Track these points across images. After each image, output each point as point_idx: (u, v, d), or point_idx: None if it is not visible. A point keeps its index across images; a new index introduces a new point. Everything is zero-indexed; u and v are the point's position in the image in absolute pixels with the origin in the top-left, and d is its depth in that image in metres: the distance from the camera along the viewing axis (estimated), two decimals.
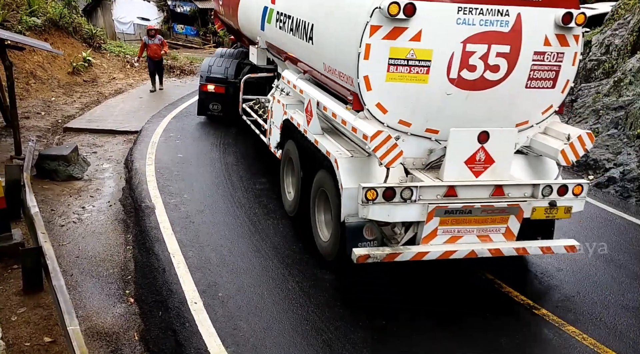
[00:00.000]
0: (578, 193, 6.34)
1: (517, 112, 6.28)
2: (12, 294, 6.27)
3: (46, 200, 8.76)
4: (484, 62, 5.86)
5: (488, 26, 5.76)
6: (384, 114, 5.94)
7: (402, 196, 5.69)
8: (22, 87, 14.08)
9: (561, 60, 6.11)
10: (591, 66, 14.58)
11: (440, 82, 5.85)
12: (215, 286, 6.26)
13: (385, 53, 5.66)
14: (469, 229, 6.14)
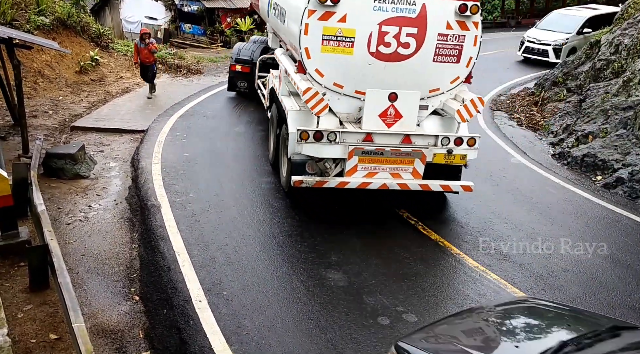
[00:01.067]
0: (472, 145, 8.03)
1: (429, 81, 7.99)
2: (19, 292, 6.31)
3: (53, 198, 8.79)
4: (396, 40, 7.63)
5: (399, 12, 7.53)
6: (321, 78, 7.75)
7: (328, 138, 7.60)
8: (30, 86, 14.14)
9: (463, 41, 7.81)
10: (600, 66, 14.50)
11: (363, 55, 7.63)
12: (219, 284, 6.27)
13: (319, 31, 7.51)
14: (382, 167, 7.95)
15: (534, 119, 15.03)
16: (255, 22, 25.93)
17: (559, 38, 20.71)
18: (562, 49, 20.48)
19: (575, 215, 8.96)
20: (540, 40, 21.01)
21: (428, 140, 7.94)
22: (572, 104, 14.50)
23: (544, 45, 20.83)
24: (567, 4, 30.21)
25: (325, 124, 7.81)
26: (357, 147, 7.74)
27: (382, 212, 8.50)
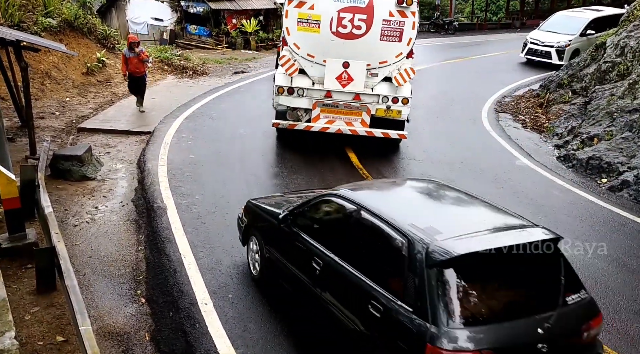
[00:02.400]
0: (405, 103, 10.63)
1: (379, 55, 10.44)
2: (26, 294, 6.36)
3: (60, 200, 8.85)
4: (351, 23, 10.20)
5: (352, 3, 10.16)
6: (298, 49, 10.41)
7: (297, 93, 10.50)
8: (37, 87, 14.24)
9: (403, 26, 10.28)
10: (606, 68, 14.47)
11: (327, 33, 10.25)
12: (225, 287, 6.30)
13: (295, 15, 10.23)
14: (338, 117, 10.73)
15: (538, 121, 15.00)
16: (261, 23, 26.00)
17: (562, 40, 20.65)
18: (565, 51, 20.45)
19: (581, 218, 8.95)
20: (543, 42, 20.95)
21: (372, 98, 10.65)
22: (577, 106, 14.48)
23: (547, 47, 20.78)
24: (572, 5, 30.12)
25: (299, 83, 10.53)
26: (319, 101, 10.62)
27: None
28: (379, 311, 4.41)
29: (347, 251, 5.02)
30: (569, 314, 4.43)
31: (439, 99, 16.27)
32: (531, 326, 4.22)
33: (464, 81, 18.64)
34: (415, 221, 4.65)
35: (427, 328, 4.04)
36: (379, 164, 10.88)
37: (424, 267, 4.22)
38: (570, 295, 4.54)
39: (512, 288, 4.48)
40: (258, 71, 19.41)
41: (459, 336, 3.99)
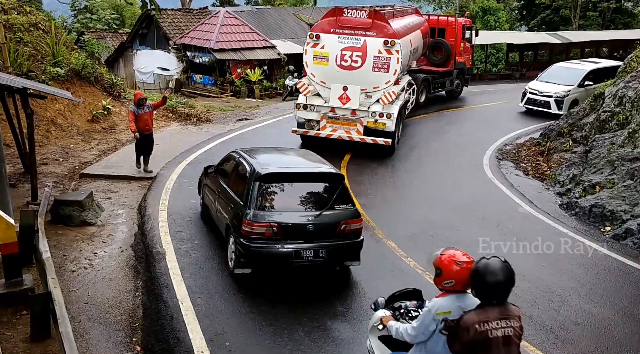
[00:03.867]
0: (389, 117, 13.89)
1: (372, 82, 13.89)
2: (20, 341, 6.23)
3: (59, 245, 8.80)
4: (350, 59, 13.82)
5: (351, 43, 13.76)
6: (314, 77, 14.15)
7: (310, 108, 14.12)
8: (43, 134, 14.39)
9: (389, 61, 13.74)
10: (605, 117, 14.58)
11: (333, 66, 13.91)
12: (222, 335, 6.18)
13: (312, 53, 14.02)
14: (340, 127, 14.18)
15: (540, 168, 15.02)
16: (265, 73, 26.50)
17: (561, 90, 20.70)
18: (564, 101, 20.47)
19: (585, 267, 8.83)
20: (542, 92, 20.98)
21: (365, 113, 14.04)
22: (578, 154, 14.52)
23: (546, 97, 20.79)
24: (571, 58, 30.66)
25: (312, 101, 14.26)
26: (325, 114, 14.19)
27: None
28: (233, 207, 7.85)
29: (230, 180, 8.54)
30: (332, 214, 7.52)
31: (442, 144, 16.39)
32: (305, 216, 7.45)
33: (466, 129, 18.78)
34: (261, 162, 8.11)
35: (245, 210, 7.39)
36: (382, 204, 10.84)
37: (252, 181, 7.62)
38: (339, 205, 7.65)
39: (300, 194, 7.83)
40: (262, 118, 19.63)
41: (259, 215, 7.33)
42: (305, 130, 14.29)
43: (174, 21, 29.21)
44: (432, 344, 4.05)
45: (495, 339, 3.83)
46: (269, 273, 7.64)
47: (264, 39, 27.62)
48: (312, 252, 7.29)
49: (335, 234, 7.44)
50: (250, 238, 7.19)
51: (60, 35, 17.99)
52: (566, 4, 40.64)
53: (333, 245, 7.43)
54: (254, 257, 7.27)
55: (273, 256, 7.27)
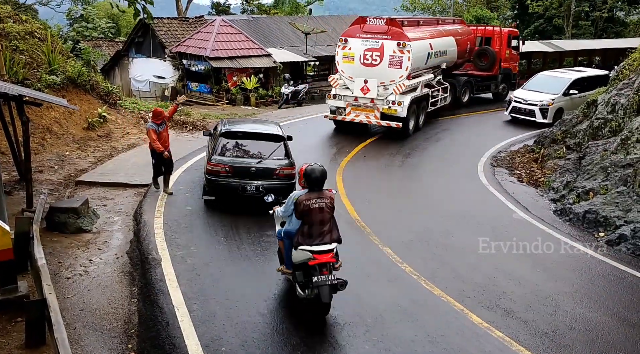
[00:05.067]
0: (400, 105, 16.90)
1: (388, 76, 17.09)
2: (14, 348, 6.22)
3: (54, 252, 8.78)
4: (371, 58, 17.20)
5: (372, 45, 17.23)
6: (343, 73, 17.70)
7: (338, 98, 17.69)
8: (38, 142, 14.38)
9: (402, 59, 16.95)
10: (598, 125, 14.69)
11: (358, 63, 17.39)
12: (219, 340, 6.17)
13: (341, 53, 17.68)
14: (362, 113, 17.45)
15: (534, 175, 15.10)
16: (261, 81, 26.59)
17: (545, 99, 20.56)
18: (548, 110, 20.36)
19: (580, 272, 8.88)
20: (527, 100, 20.83)
21: (381, 101, 17.21)
22: (571, 161, 14.61)
23: (531, 106, 20.66)
24: (564, 66, 30.89)
25: (340, 92, 17.78)
26: (350, 102, 17.57)
27: None
28: (207, 155, 11.34)
29: (212, 138, 11.96)
30: (271, 162, 10.49)
31: (437, 149, 16.46)
32: (251, 162, 10.50)
33: (460, 136, 18.86)
34: (228, 124, 11.62)
35: (211, 156, 10.60)
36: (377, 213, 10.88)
37: (217, 136, 10.92)
38: (279, 156, 10.74)
39: (250, 147, 10.74)
40: None
41: (218, 159, 10.44)
42: (335, 115, 18.03)
43: (169, 30, 29.30)
44: (292, 218, 7.09)
45: (314, 209, 6.87)
46: (224, 200, 10.59)
47: (259, 47, 27.73)
48: (254, 187, 10.34)
49: (272, 176, 10.42)
50: (212, 175, 10.47)
51: (56, 43, 18.00)
52: (559, 13, 41.02)
53: (270, 183, 10.34)
54: (213, 187, 10.56)
55: (226, 187, 10.40)
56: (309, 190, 6.90)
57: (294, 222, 7.02)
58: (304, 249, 6.78)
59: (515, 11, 46.21)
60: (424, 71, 19.24)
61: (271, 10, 46.27)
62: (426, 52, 18.68)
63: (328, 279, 6.60)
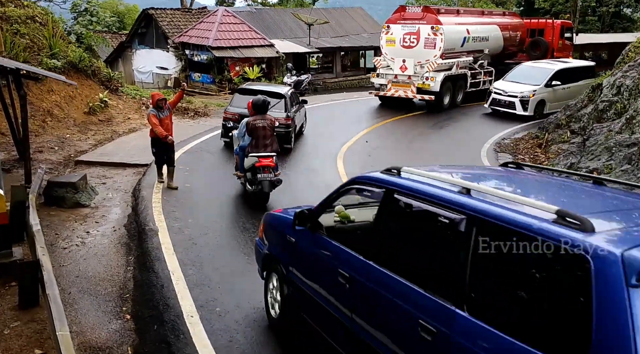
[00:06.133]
0: (433, 80, 19.94)
1: (423, 56, 20.18)
2: (7, 309, 6.14)
3: (51, 225, 8.72)
4: (409, 40, 20.49)
5: (410, 30, 20.49)
6: (387, 55, 21.03)
7: (381, 76, 21.25)
8: (38, 124, 14.35)
9: (435, 41, 19.99)
10: (603, 107, 14.53)
11: (398, 46, 20.69)
12: (213, 301, 6.08)
13: (385, 38, 21.11)
14: (400, 88, 20.76)
15: (538, 159, 14.96)
16: (263, 71, 26.50)
17: (526, 90, 19.67)
18: (529, 101, 19.49)
19: None
20: (507, 92, 19.93)
21: (417, 78, 20.15)
22: (576, 145, 14.45)
23: (511, 97, 19.73)
24: None
25: (382, 71, 21.00)
26: (391, 80, 20.68)
27: None
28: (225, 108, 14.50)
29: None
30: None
31: (437, 137, 16.36)
32: None
33: (464, 125, 18.76)
34: (246, 86, 15.63)
35: (227, 107, 14.18)
36: None
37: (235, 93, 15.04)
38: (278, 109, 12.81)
39: None
40: None
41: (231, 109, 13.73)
42: (378, 92, 21.36)
43: (172, 20, 29.22)
44: (245, 137, 9.50)
45: (259, 127, 9.30)
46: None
47: (262, 37, 27.62)
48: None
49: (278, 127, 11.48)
50: (226, 120, 13.36)
51: (57, 28, 17.97)
52: (565, 9, 40.73)
53: None
54: (227, 130, 13.10)
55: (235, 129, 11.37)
56: (255, 114, 9.47)
57: (246, 139, 9.48)
58: (252, 155, 9.26)
59: (521, 7, 45.90)
60: (462, 53, 21.83)
61: (275, 6, 46.22)
62: (462, 36, 21.47)
63: (268, 176, 9.14)
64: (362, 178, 4.70)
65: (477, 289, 3.29)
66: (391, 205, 4.17)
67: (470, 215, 3.40)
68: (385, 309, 3.88)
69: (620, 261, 2.66)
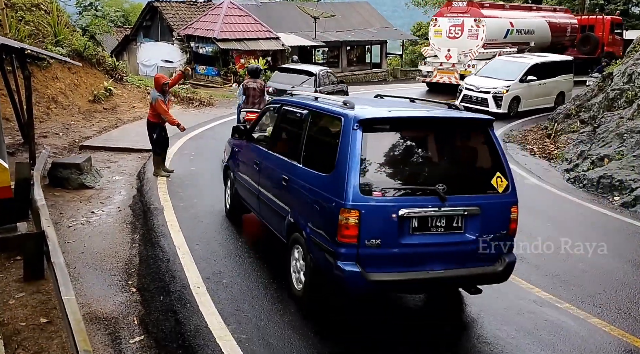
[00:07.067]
0: (474, 68, 21.77)
1: (467, 46, 22.94)
2: (12, 281, 6.06)
3: (56, 205, 8.63)
4: (454, 32, 23.30)
5: (455, 22, 23.23)
6: (434, 45, 24.23)
7: (428, 64, 24.49)
8: (43, 111, 14.27)
9: (478, 32, 22.70)
10: (614, 96, 14.36)
11: (444, 37, 23.60)
12: (220, 274, 5.99)
13: (433, 30, 24.22)
14: (445, 75, 23.57)
15: (547, 149, 14.82)
16: (268, 63, 26.40)
17: (500, 85, 18.32)
18: (502, 98, 18.15)
19: (593, 226, 8.62)
20: (479, 87, 18.54)
21: (460, 66, 22.66)
22: (586, 134, 14.30)
23: (484, 93, 18.36)
24: None
25: (430, 60, 24.21)
26: (436, 67, 23.66)
27: None
28: None
29: None
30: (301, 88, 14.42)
31: None
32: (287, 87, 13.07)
33: None
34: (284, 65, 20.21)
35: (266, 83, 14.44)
36: None
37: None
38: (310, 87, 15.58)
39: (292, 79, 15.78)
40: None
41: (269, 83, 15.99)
42: (425, 78, 24.30)
43: (177, 13, 29.16)
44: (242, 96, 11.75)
45: (250, 88, 11.51)
46: None
47: (267, 30, 27.50)
48: None
49: None
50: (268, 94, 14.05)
51: (62, 16, 17.91)
52: (573, 7, 40.50)
53: None
54: None
55: None
56: (249, 78, 11.73)
57: (244, 99, 11.64)
58: (243, 110, 11.50)
59: None
60: (505, 44, 24.08)
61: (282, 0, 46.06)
62: (505, 28, 23.90)
63: None
64: (272, 101, 7.85)
65: (305, 150, 5.62)
66: (281, 113, 6.66)
67: (309, 110, 5.84)
68: (270, 174, 6.30)
69: (353, 118, 4.87)
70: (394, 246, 4.66)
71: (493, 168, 5.08)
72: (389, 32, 36.50)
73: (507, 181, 5.07)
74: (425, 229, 4.77)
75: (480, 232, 4.89)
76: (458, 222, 4.87)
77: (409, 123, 5.17)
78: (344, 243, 4.59)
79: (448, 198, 4.74)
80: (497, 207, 5.02)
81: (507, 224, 5.04)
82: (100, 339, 5.00)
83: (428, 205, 4.73)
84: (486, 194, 4.96)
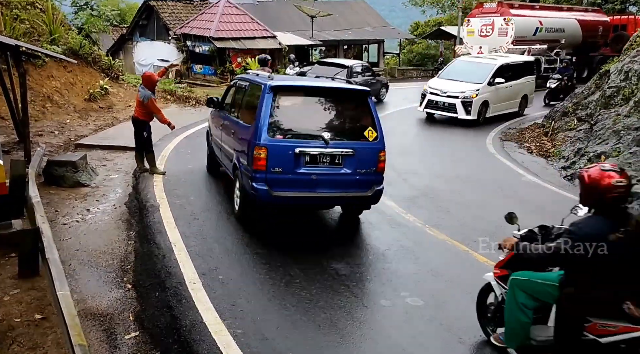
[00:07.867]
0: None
1: (498, 43, 24.98)
2: (7, 278, 6.01)
3: (51, 203, 8.57)
4: (485, 30, 25.70)
5: (486, 22, 25.65)
6: (467, 43, 26.59)
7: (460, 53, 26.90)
8: (38, 109, 14.19)
9: (507, 29, 24.96)
10: (610, 93, 14.38)
11: (476, 35, 26.10)
12: (216, 270, 5.95)
13: (466, 29, 26.89)
14: None
15: (544, 147, 14.82)
16: None
17: (468, 89, 16.89)
18: (472, 103, 16.72)
19: None
20: (446, 92, 17.02)
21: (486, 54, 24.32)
22: (583, 131, 14.30)
23: (451, 98, 16.84)
24: None
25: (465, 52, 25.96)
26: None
27: None
28: None
29: None
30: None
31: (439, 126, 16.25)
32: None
33: None
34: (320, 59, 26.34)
35: None
36: None
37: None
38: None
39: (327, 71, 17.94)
40: None
41: None
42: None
43: (174, 12, 29.10)
44: None
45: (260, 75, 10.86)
46: None
47: (264, 29, 27.47)
48: None
49: None
50: None
51: (57, 14, 17.83)
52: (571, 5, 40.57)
53: None
54: None
55: None
56: (259, 67, 11.77)
57: None
58: None
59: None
60: (534, 41, 25.86)
61: None
62: (534, 26, 25.83)
63: None
64: (235, 78, 9.94)
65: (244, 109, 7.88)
66: (236, 86, 8.86)
67: (250, 82, 7.98)
68: (227, 131, 8.31)
69: (267, 86, 6.87)
70: (291, 173, 6.65)
71: (367, 124, 7.00)
72: (386, 31, 36.50)
73: (376, 133, 6.99)
74: (315, 163, 6.74)
75: (355, 167, 6.85)
76: (339, 160, 6.85)
77: (305, 91, 7.41)
78: (257, 170, 6.63)
79: (330, 142, 6.71)
80: (368, 151, 6.97)
81: (376, 164, 7.00)
82: (95, 335, 4.96)
83: (316, 146, 6.69)
84: (359, 141, 6.93)
